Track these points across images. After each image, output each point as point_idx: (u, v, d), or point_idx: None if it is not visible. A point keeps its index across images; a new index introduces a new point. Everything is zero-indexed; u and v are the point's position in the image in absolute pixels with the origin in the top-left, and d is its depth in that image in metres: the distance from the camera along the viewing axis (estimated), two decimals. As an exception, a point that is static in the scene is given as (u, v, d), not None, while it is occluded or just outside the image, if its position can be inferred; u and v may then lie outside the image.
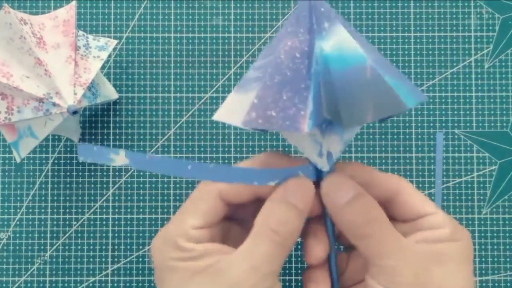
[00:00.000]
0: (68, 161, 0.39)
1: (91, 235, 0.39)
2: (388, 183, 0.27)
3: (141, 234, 0.39)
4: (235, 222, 0.30)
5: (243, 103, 0.25)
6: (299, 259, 0.38)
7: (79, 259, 0.39)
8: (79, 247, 0.39)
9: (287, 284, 0.38)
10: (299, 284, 0.39)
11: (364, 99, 0.24)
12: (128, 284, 0.38)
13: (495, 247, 0.38)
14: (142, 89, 0.39)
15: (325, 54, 0.24)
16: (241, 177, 0.26)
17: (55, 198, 0.39)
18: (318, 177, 0.27)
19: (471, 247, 0.27)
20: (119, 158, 0.24)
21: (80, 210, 0.39)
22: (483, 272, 0.38)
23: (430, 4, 0.40)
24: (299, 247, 0.39)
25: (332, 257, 0.28)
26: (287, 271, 0.38)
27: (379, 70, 0.24)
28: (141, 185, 0.39)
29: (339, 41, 0.24)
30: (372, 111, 0.24)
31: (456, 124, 0.39)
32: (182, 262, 0.26)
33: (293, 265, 0.39)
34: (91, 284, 0.38)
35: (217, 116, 0.26)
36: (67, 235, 0.39)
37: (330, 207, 0.27)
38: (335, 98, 0.24)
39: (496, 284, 0.38)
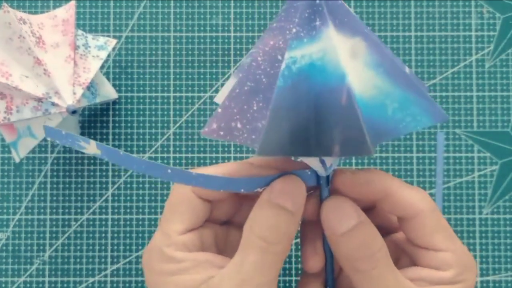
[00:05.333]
0: (68, 161, 0.39)
1: (91, 235, 0.39)
2: (408, 205, 0.25)
3: (140, 235, 0.39)
4: (233, 226, 0.28)
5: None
6: (299, 259, 0.38)
7: (78, 260, 0.39)
8: (78, 247, 0.39)
9: (287, 285, 0.38)
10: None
11: (334, 129, 0.21)
12: (127, 285, 0.38)
13: (496, 247, 0.38)
14: (141, 88, 0.39)
15: (303, 64, 0.20)
16: (225, 185, 0.23)
17: (54, 198, 0.39)
18: (318, 183, 0.25)
19: (472, 287, 0.25)
20: (90, 147, 0.23)
21: (79, 210, 0.39)
22: (484, 272, 0.38)
23: (430, 3, 0.39)
24: (299, 247, 0.39)
25: (328, 270, 0.27)
26: (287, 272, 0.38)
27: (363, 95, 0.20)
28: (141, 186, 0.39)
29: (324, 48, 0.20)
30: (339, 147, 0.21)
31: (457, 124, 0.39)
32: (171, 276, 0.24)
33: (293, 265, 0.38)
34: (90, 285, 0.38)
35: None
36: (66, 235, 0.39)
37: (328, 234, 0.25)
38: (306, 119, 0.21)
39: (497, 285, 0.38)
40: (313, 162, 0.24)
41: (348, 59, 0.20)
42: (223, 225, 0.28)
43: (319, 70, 0.20)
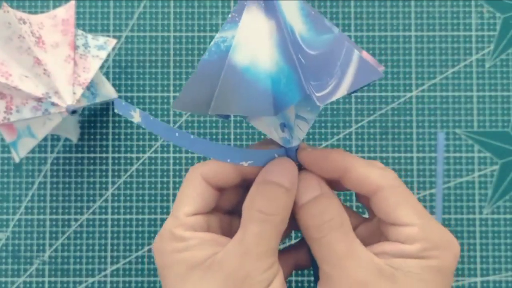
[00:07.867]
0: (67, 161, 0.39)
1: (90, 235, 0.39)
2: (367, 182, 0.26)
3: (140, 235, 0.39)
4: (236, 216, 0.29)
5: None
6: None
7: (78, 260, 0.39)
8: (78, 247, 0.39)
9: (287, 285, 0.38)
10: (299, 284, 0.38)
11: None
12: (127, 285, 0.38)
13: (496, 247, 0.38)
14: (141, 88, 0.39)
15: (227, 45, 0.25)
16: (215, 152, 0.27)
17: (54, 198, 0.39)
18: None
19: (448, 267, 0.25)
20: (136, 115, 0.27)
21: (79, 210, 0.39)
22: (484, 272, 0.38)
23: (431, 3, 0.39)
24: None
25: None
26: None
27: (271, 71, 0.24)
28: (140, 186, 0.39)
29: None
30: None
31: (457, 124, 0.39)
32: (179, 253, 0.25)
33: (293, 265, 0.38)
34: (90, 285, 0.38)
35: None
36: (66, 235, 0.39)
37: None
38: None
39: (497, 285, 0.38)
40: (273, 134, 0.27)
41: (268, 38, 0.24)
42: (227, 214, 0.29)
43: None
